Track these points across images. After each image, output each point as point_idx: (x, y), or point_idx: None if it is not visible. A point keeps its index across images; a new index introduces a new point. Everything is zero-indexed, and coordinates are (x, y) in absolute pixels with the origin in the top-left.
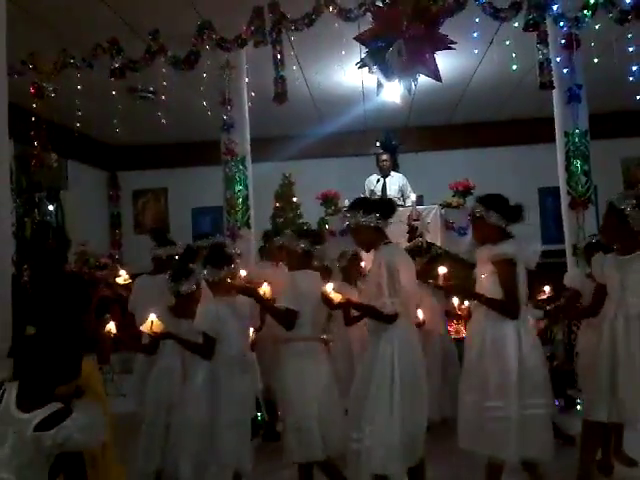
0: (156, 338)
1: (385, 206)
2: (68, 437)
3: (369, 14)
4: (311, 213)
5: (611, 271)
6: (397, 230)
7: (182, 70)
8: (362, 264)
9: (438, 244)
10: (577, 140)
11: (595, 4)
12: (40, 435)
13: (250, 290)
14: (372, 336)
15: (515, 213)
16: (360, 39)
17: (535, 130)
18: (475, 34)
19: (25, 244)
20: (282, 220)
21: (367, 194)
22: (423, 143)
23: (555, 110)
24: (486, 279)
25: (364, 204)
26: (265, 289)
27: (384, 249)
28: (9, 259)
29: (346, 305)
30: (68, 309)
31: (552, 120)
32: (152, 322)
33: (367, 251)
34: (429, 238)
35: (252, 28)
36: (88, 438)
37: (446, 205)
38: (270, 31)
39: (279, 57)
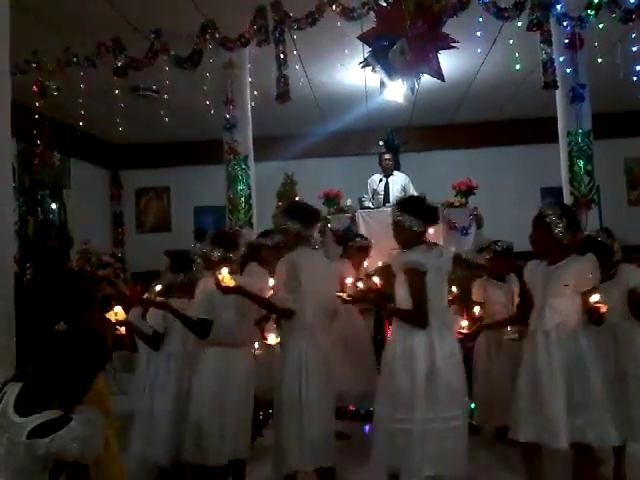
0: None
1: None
2: (62, 447)
3: (372, 13)
4: None
5: (536, 280)
6: None
7: (185, 69)
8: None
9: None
10: (580, 140)
11: (599, 3)
12: (33, 442)
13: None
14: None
15: (430, 215)
16: (364, 38)
17: (538, 130)
18: (478, 33)
19: (28, 243)
20: None
21: (370, 193)
22: (426, 142)
23: (558, 110)
24: (399, 287)
25: (414, 205)
26: (224, 274)
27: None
28: (11, 256)
29: (237, 292)
30: (69, 306)
31: (555, 120)
32: (223, 276)
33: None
34: (430, 238)
35: (255, 27)
36: (83, 450)
37: (448, 205)
38: (273, 30)
39: (282, 56)
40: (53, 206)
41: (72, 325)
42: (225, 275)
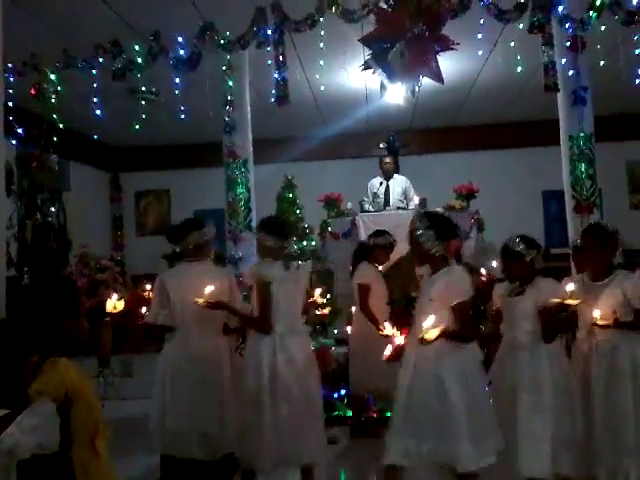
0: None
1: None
2: (15, 444)
3: (372, 16)
4: (313, 215)
5: (502, 296)
6: (400, 234)
7: (184, 72)
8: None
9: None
10: (582, 143)
11: (601, 5)
12: None
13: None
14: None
15: (282, 231)
16: (365, 41)
17: (539, 132)
18: (479, 36)
19: (26, 246)
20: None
21: (370, 196)
22: (426, 145)
23: (560, 112)
24: (253, 296)
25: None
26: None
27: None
28: (3, 263)
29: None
30: (54, 314)
31: (557, 122)
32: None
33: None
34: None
35: (254, 29)
36: (40, 440)
37: (449, 208)
38: (272, 32)
39: (281, 59)
40: (52, 209)
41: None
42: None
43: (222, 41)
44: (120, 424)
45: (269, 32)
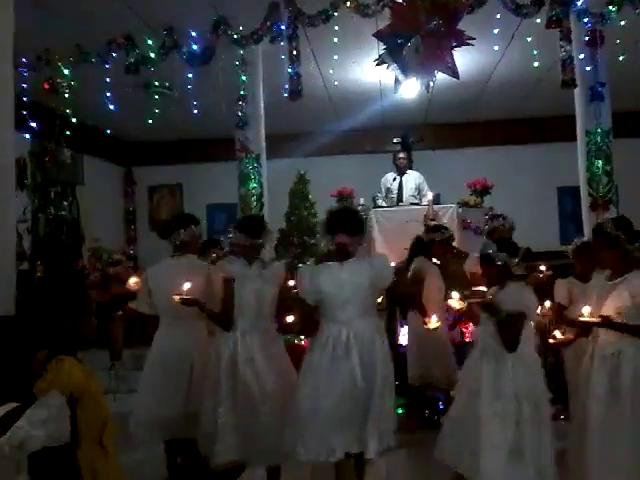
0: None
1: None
2: (26, 437)
3: (387, 10)
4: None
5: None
6: (414, 230)
7: (197, 67)
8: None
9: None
10: (599, 140)
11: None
12: None
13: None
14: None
15: (254, 230)
16: (379, 35)
17: (556, 128)
18: (495, 30)
19: (39, 240)
20: (296, 218)
21: (383, 192)
22: (441, 140)
23: (577, 108)
24: None
25: None
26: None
27: None
28: (12, 261)
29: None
30: (62, 313)
31: (573, 118)
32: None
33: None
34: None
35: (268, 24)
36: (50, 433)
37: (464, 204)
38: (286, 27)
39: (295, 53)
40: (65, 203)
41: None
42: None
43: (235, 36)
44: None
45: (283, 27)
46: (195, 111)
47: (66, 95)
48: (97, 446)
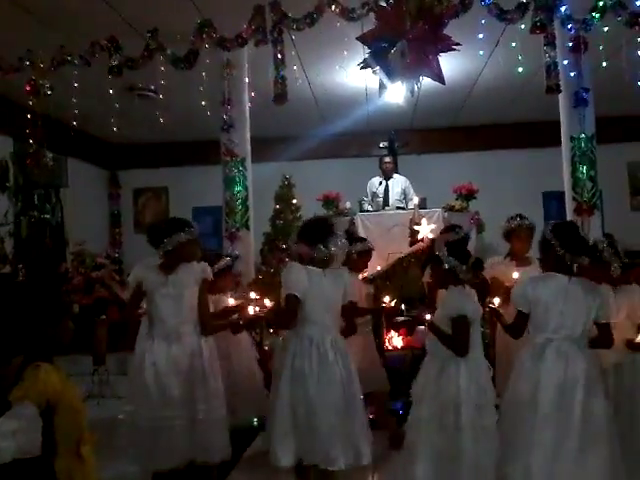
0: None
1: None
2: None
3: (372, 14)
4: (312, 215)
5: None
6: (399, 234)
7: (182, 69)
8: None
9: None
10: (583, 145)
11: (604, 6)
12: None
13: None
14: None
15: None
16: (362, 39)
17: (540, 133)
18: (480, 36)
19: (21, 243)
20: (281, 222)
21: (369, 196)
22: (427, 145)
23: (561, 114)
24: None
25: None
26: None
27: None
28: None
29: None
30: (28, 315)
31: (558, 124)
32: None
33: None
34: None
35: (253, 27)
36: (21, 444)
37: (449, 208)
38: (271, 30)
39: (280, 57)
40: (48, 206)
41: None
42: None
43: (220, 39)
44: (115, 423)
45: (268, 30)
46: (180, 114)
47: (48, 96)
48: (74, 456)
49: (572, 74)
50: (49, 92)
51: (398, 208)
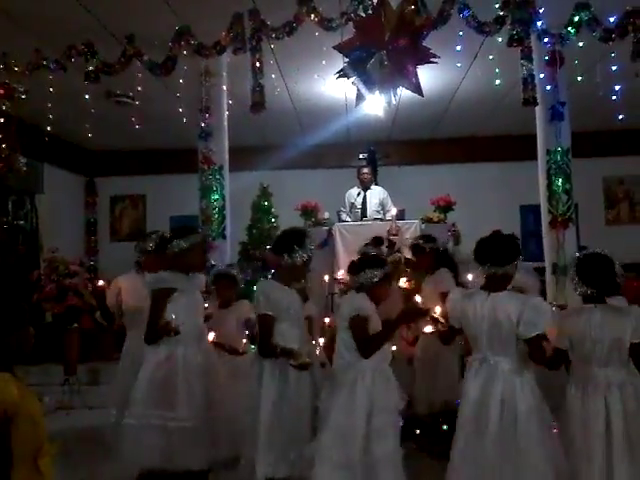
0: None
1: None
2: None
3: (351, 24)
4: (291, 225)
5: None
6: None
7: (159, 75)
8: None
9: None
10: (559, 158)
11: (579, 22)
12: None
13: None
14: None
15: None
16: (339, 48)
17: (518, 147)
18: (459, 48)
19: None
20: (257, 231)
21: (347, 207)
22: (406, 157)
23: (538, 127)
24: None
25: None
26: None
27: None
28: None
29: None
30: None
31: (535, 137)
32: None
33: None
34: (407, 254)
35: (231, 35)
36: None
37: (427, 220)
38: (249, 38)
39: (258, 65)
40: (22, 212)
41: None
42: None
43: (198, 46)
44: (86, 434)
45: (246, 38)
46: (157, 121)
47: (23, 98)
48: (32, 468)
49: (548, 88)
50: (23, 96)
51: (376, 219)
